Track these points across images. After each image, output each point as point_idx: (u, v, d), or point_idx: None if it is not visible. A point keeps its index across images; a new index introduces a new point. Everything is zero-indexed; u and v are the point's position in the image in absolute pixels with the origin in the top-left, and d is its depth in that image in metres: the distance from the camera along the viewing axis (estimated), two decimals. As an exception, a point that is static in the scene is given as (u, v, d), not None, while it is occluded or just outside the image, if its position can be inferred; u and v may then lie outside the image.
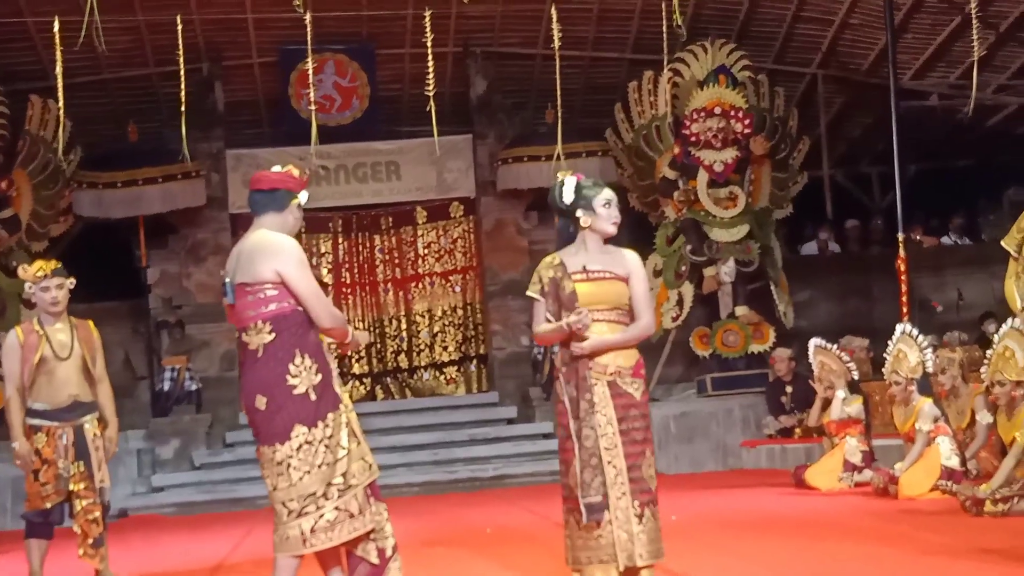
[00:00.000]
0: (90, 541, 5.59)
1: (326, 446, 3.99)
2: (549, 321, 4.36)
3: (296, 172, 4.25)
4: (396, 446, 11.39)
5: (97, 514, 5.57)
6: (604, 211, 4.37)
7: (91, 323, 5.80)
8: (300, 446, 3.96)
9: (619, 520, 4.21)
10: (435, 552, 6.30)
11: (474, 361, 13.02)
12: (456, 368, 13.04)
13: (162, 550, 7.46)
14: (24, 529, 5.62)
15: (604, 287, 4.32)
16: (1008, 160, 13.59)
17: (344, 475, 3.99)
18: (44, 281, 5.54)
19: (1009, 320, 6.31)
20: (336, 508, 3.96)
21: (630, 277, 4.37)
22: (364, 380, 12.99)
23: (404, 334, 13.04)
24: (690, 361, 11.60)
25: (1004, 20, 11.19)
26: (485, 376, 12.94)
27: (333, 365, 4.14)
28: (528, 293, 4.44)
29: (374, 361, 13.00)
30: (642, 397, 4.32)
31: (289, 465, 3.95)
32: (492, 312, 12.58)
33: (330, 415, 4.02)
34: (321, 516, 3.95)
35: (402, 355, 13.02)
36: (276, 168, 4.31)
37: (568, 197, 4.40)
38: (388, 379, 13.02)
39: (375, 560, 4.09)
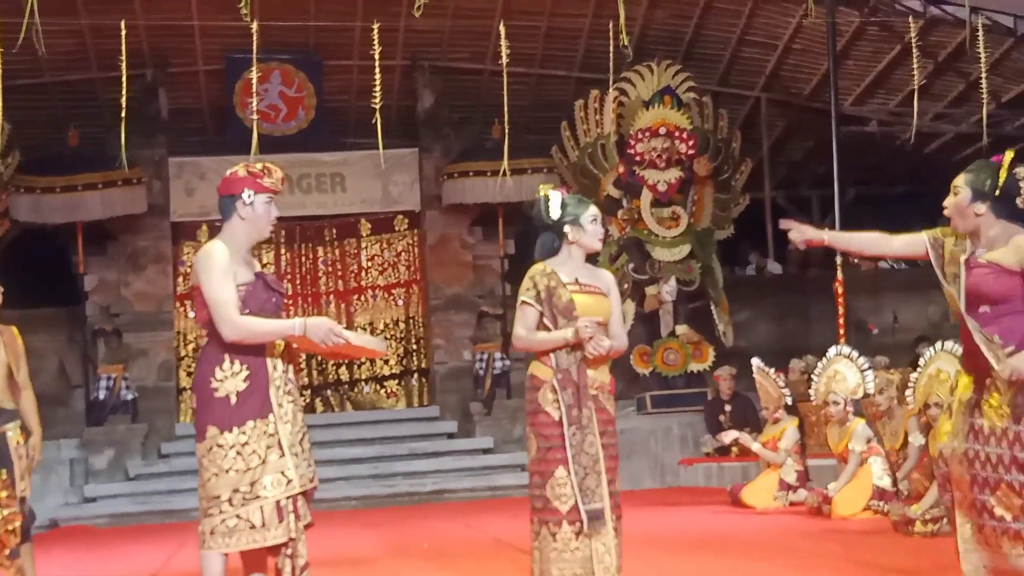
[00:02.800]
0: (7, 552, 5.45)
1: (238, 452, 3.96)
2: (547, 328, 4.33)
3: (242, 172, 4.17)
4: (335, 459, 11.29)
5: (17, 524, 5.43)
6: (592, 227, 4.41)
7: (15, 329, 5.66)
8: (211, 448, 3.96)
9: (600, 533, 4.23)
10: (371, 567, 6.26)
11: (415, 375, 12.98)
12: (397, 382, 12.99)
13: (93, 562, 7.32)
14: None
15: (596, 301, 4.37)
16: (943, 187, 13.82)
17: (252, 484, 3.95)
18: None
19: (938, 343, 6.44)
20: (237, 516, 3.94)
21: (609, 294, 4.43)
22: (304, 392, 12.88)
23: (345, 347, 12.94)
24: (630, 379, 11.66)
25: (942, 50, 11.46)
26: (426, 390, 12.91)
27: (277, 375, 4.04)
28: (523, 298, 4.36)
29: (314, 373, 12.91)
30: (614, 413, 4.41)
31: (202, 464, 3.98)
32: (435, 326, 12.56)
33: (251, 423, 3.98)
34: (222, 520, 3.94)
35: (343, 368, 12.94)
36: (231, 170, 4.24)
37: (555, 212, 4.42)
38: (328, 391, 12.93)
39: (288, 575, 4.06)
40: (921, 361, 6.44)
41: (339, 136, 12.64)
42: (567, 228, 4.39)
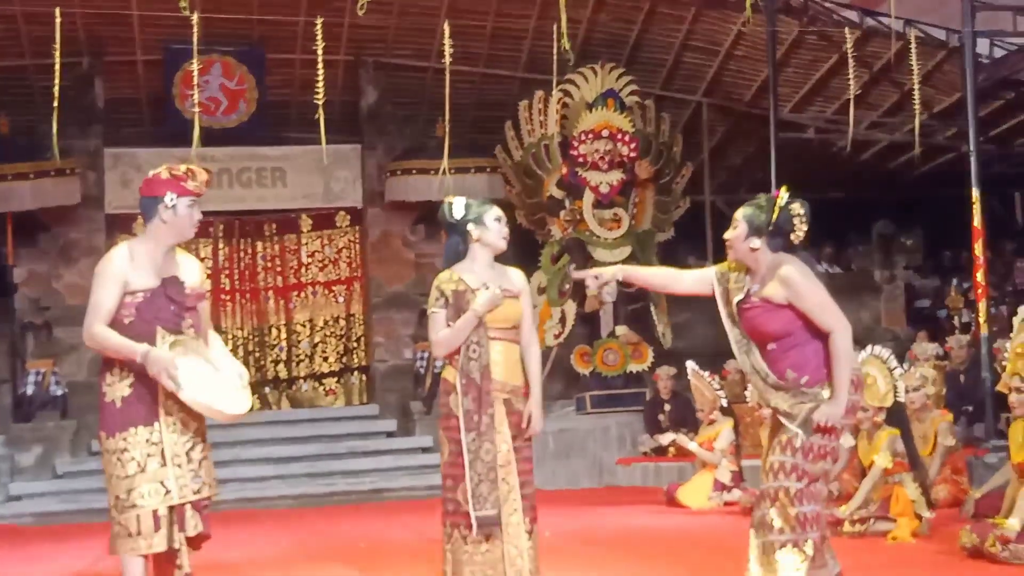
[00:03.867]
0: None
1: (118, 459, 4.01)
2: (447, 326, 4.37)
3: (165, 174, 4.18)
4: (271, 458, 11.20)
5: None
6: (495, 225, 4.45)
7: None
8: (100, 452, 4.05)
9: (510, 535, 4.27)
10: (305, 567, 6.22)
11: (355, 373, 12.91)
12: (336, 380, 12.91)
13: (17, 563, 7.17)
14: None
15: (504, 305, 4.39)
16: (877, 195, 14.17)
17: (129, 492, 3.98)
18: None
19: (868, 348, 6.57)
20: (118, 523, 3.99)
21: (520, 295, 4.45)
22: (240, 389, 12.73)
23: (284, 343, 12.85)
24: (570, 379, 11.72)
25: (878, 61, 11.67)
26: (365, 388, 12.84)
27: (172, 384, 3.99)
28: (431, 310, 4.43)
29: (252, 370, 12.77)
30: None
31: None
32: (375, 324, 12.51)
33: (132, 429, 4.00)
34: (113, 524, 4.02)
35: (281, 365, 12.82)
36: (154, 171, 4.23)
37: (459, 212, 4.46)
38: (267, 389, 12.80)
39: None
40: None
41: (281, 130, 12.53)
42: (471, 227, 4.43)
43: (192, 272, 4.26)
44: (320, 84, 9.81)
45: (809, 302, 4.11)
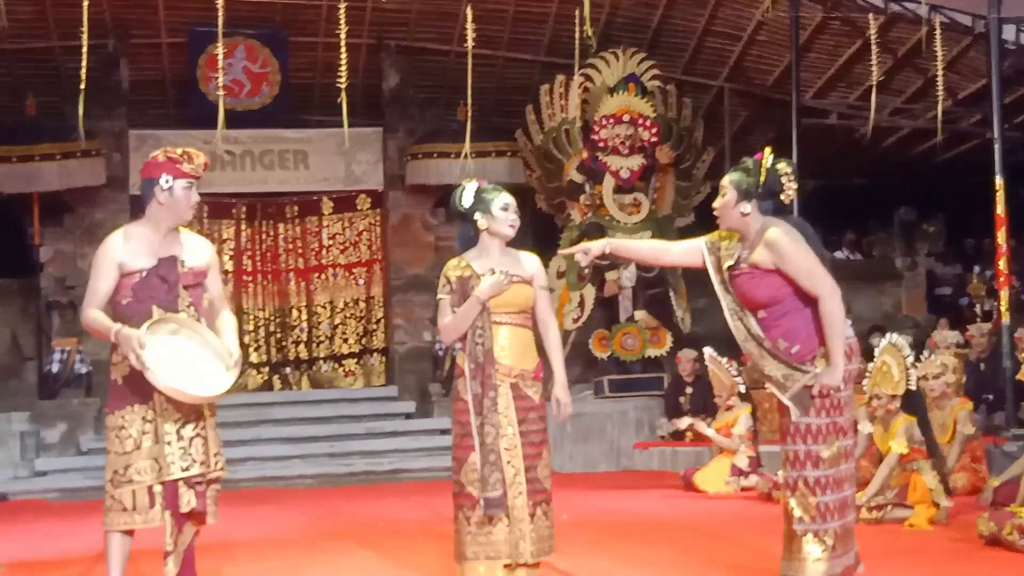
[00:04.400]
0: None
1: (116, 435, 4.10)
2: (452, 312, 4.42)
3: (161, 157, 4.25)
4: (292, 437, 11.31)
5: None
6: (502, 214, 4.45)
7: None
8: (105, 428, 4.17)
9: (514, 518, 4.32)
10: (323, 546, 6.30)
11: (374, 355, 12.99)
12: (355, 361, 12.99)
13: (43, 536, 7.29)
14: None
15: (512, 290, 4.41)
16: (899, 181, 14.10)
17: (126, 468, 4.07)
18: None
19: (887, 335, 6.58)
20: (111, 497, 4.09)
21: (534, 280, 4.47)
22: (262, 369, 12.86)
23: (305, 324, 12.94)
24: (588, 363, 11.75)
25: (901, 47, 11.61)
26: (384, 370, 12.92)
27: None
28: (438, 296, 4.48)
29: (273, 351, 12.88)
30: (540, 400, 4.45)
31: None
32: (395, 306, 12.58)
33: (130, 407, 4.09)
34: (106, 498, 4.12)
35: (302, 346, 12.92)
36: (153, 154, 4.32)
37: (467, 201, 4.48)
38: (287, 369, 12.91)
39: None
40: (876, 351, 6.57)
41: (303, 113, 12.59)
42: (478, 216, 4.45)
43: (198, 252, 4.32)
44: (343, 67, 9.85)
45: (794, 265, 4.05)
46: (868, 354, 7.90)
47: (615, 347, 11.46)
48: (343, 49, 10.01)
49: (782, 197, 4.18)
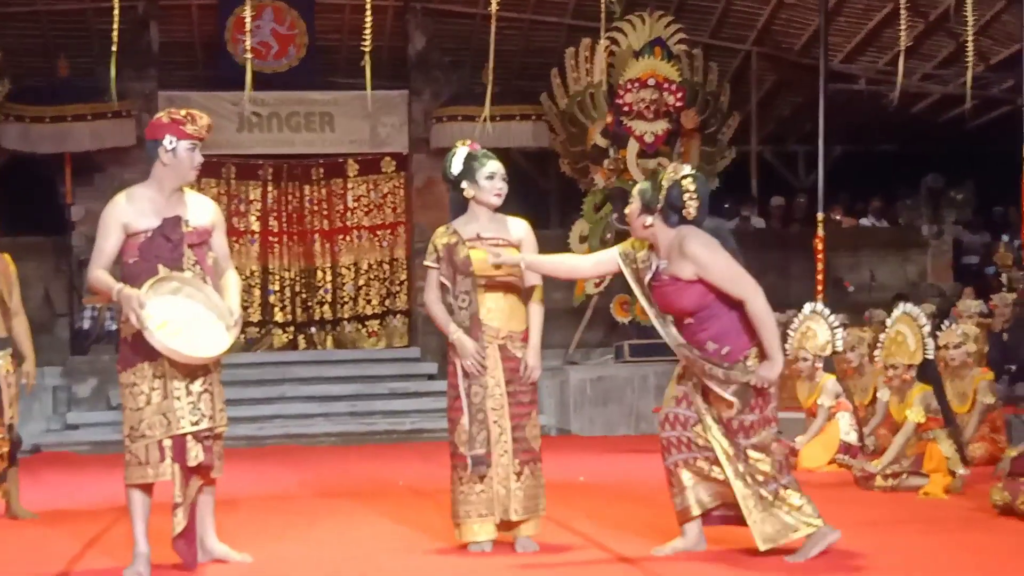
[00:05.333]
0: None
1: (130, 392, 4.20)
2: (444, 286, 4.54)
3: (165, 118, 4.31)
4: (315, 396, 11.47)
5: (5, 450, 5.57)
6: (487, 183, 4.53)
7: (7, 256, 5.75)
8: (119, 384, 4.25)
9: (499, 476, 4.46)
10: (344, 502, 6.42)
11: (397, 316, 13.11)
12: (379, 322, 13.12)
13: (76, 487, 7.46)
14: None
15: (499, 254, 4.48)
16: (928, 148, 13.99)
17: (139, 424, 4.17)
18: None
19: (900, 305, 6.59)
20: (129, 452, 4.20)
21: (521, 244, 4.55)
22: (287, 329, 13.01)
23: (329, 285, 13.07)
24: (609, 327, 11.82)
25: (933, 10, 11.48)
26: (407, 331, 13.04)
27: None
28: (425, 263, 4.61)
29: (298, 311, 13.02)
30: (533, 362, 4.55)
31: None
32: (418, 268, 12.63)
33: (140, 364, 4.18)
34: (125, 453, 4.22)
35: (326, 306, 13.05)
36: (157, 115, 4.38)
37: (456, 168, 4.57)
38: (312, 329, 13.06)
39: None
40: (887, 323, 6.59)
41: (329, 75, 12.63)
42: (464, 184, 4.54)
43: (203, 212, 4.38)
44: (368, 30, 9.87)
45: (717, 275, 4.14)
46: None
47: (636, 312, 11.50)
48: (369, 11, 10.00)
49: (684, 213, 4.22)
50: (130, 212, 4.25)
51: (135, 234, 4.24)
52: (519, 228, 4.59)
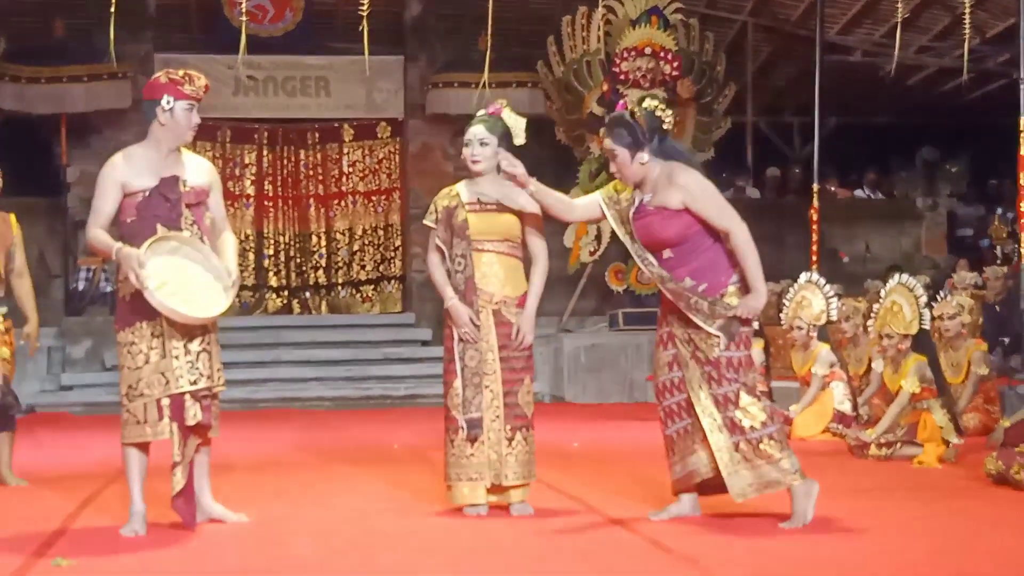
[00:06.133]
0: None
1: (128, 351, 4.22)
2: (439, 249, 4.61)
3: (163, 78, 4.31)
4: (310, 360, 11.51)
5: None
6: (465, 150, 4.61)
7: (12, 216, 5.72)
8: (116, 343, 4.26)
9: (491, 441, 4.50)
10: (339, 466, 6.47)
11: (391, 282, 13.12)
12: (373, 287, 13.13)
13: (69, 448, 7.51)
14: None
15: (495, 219, 4.54)
16: (924, 120, 14.00)
17: (138, 383, 4.19)
18: None
19: (895, 276, 6.63)
20: (127, 410, 4.22)
21: (525, 208, 4.56)
22: (281, 293, 13.02)
23: (324, 250, 13.07)
24: (604, 295, 11.85)
25: (931, -18, 11.45)
26: (401, 297, 13.06)
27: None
28: (424, 222, 4.68)
29: (293, 275, 13.03)
30: (526, 328, 4.56)
31: None
32: (413, 234, 12.66)
33: (139, 323, 4.20)
34: (123, 412, 4.24)
35: (321, 271, 13.06)
36: (155, 75, 4.38)
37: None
38: (307, 294, 13.06)
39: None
40: (881, 294, 6.62)
41: (325, 40, 12.56)
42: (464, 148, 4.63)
43: (199, 172, 4.40)
44: (365, -6, 9.80)
45: (704, 203, 4.20)
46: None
47: (631, 280, 11.53)
48: (366, -24, 9.95)
49: (664, 127, 4.30)
50: (128, 171, 4.26)
51: (133, 193, 4.25)
52: (524, 196, 4.61)
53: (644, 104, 4.34)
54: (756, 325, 8.66)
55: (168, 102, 4.25)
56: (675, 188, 4.22)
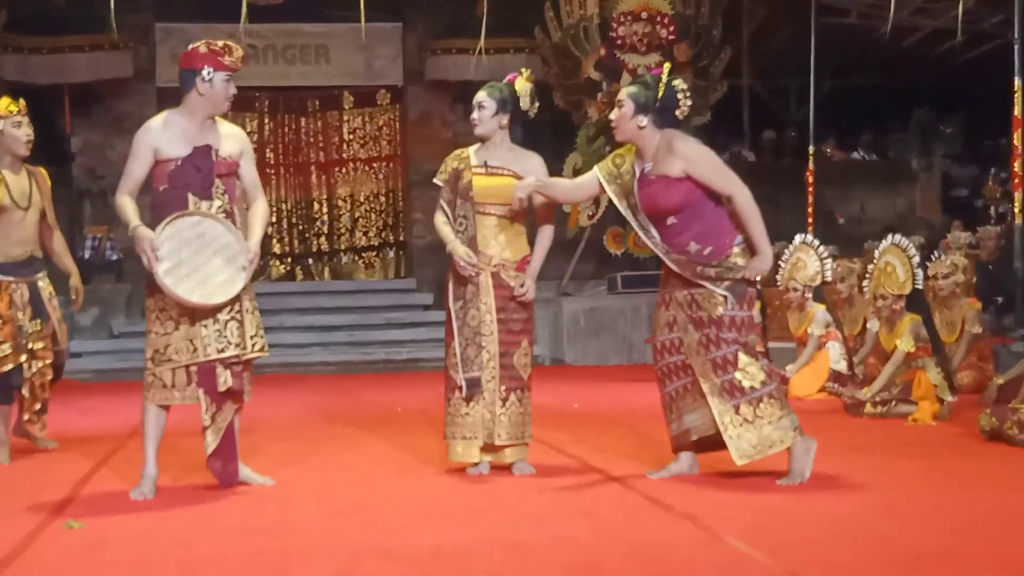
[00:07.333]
0: (37, 407, 5.48)
1: (157, 316, 4.30)
2: (443, 209, 4.71)
3: (203, 48, 4.33)
4: (313, 326, 11.64)
5: (49, 377, 5.58)
6: (473, 114, 4.66)
7: (44, 171, 5.69)
8: (145, 309, 4.36)
9: (485, 401, 4.59)
10: (343, 428, 6.58)
11: (393, 248, 13.23)
12: (375, 254, 13.24)
13: (78, 413, 7.55)
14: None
15: (499, 183, 4.61)
16: (918, 82, 14.03)
17: (166, 348, 4.27)
18: (16, 116, 5.27)
19: (890, 236, 6.71)
20: (152, 374, 4.30)
21: (530, 176, 4.63)
22: (285, 260, 13.13)
23: (326, 217, 13.16)
24: (602, 259, 11.95)
25: (926, -57, 11.45)
26: (403, 263, 13.17)
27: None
28: (435, 180, 4.77)
29: (295, 242, 13.13)
30: (523, 290, 4.63)
31: None
32: (414, 201, 12.75)
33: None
34: (147, 375, 4.32)
35: (323, 238, 13.16)
36: (193, 45, 4.39)
37: None
38: (309, 260, 13.18)
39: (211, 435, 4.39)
40: (876, 254, 6.71)
41: (325, 8, 12.57)
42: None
43: (232, 141, 4.41)
44: (363, -39, 9.82)
45: (705, 168, 4.28)
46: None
47: (629, 244, 11.63)
48: (364, -57, 9.96)
49: (677, 113, 4.38)
50: (162, 137, 4.28)
51: (165, 161, 4.27)
52: (532, 161, 4.69)
53: (674, 81, 4.41)
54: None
55: (208, 73, 4.27)
56: (675, 156, 4.29)
